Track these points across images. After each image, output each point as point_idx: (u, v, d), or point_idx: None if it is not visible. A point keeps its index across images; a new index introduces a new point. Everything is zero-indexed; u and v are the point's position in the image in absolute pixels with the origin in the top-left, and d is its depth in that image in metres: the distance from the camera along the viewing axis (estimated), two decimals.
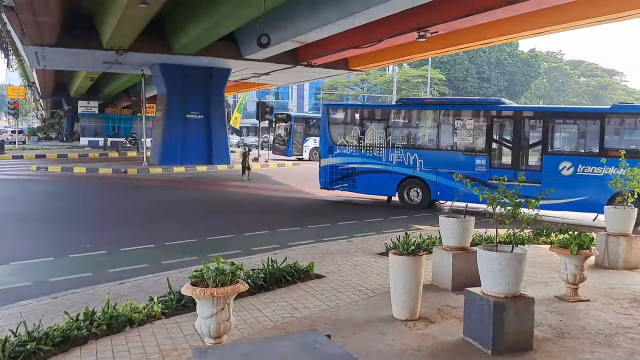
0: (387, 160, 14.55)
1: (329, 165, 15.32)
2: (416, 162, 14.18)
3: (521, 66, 62.42)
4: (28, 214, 12.93)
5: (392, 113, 14.96)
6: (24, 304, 5.86)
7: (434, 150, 14.05)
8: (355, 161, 14.99)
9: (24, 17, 16.04)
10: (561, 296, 6.10)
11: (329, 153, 15.39)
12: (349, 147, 15.16)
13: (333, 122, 15.69)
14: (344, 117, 15.95)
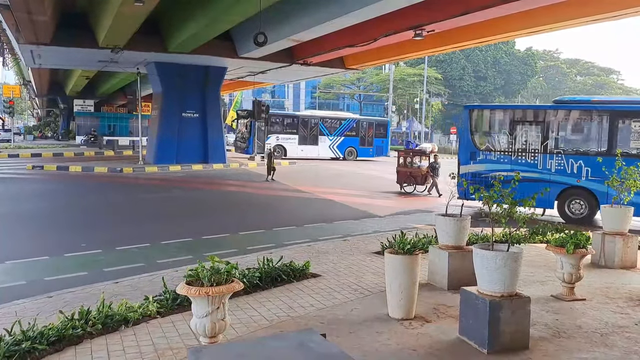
0: (544, 167, 12.88)
1: (470, 173, 13.69)
2: (581, 169, 12.44)
3: (518, 65, 62.57)
4: (23, 213, 12.87)
5: (549, 114, 13.27)
6: (19, 303, 5.84)
7: (604, 156, 11.34)
8: (504, 168, 13.21)
9: (19, 16, 15.95)
10: (557, 295, 6.11)
11: (471, 159, 13.85)
12: (496, 153, 13.63)
13: (476, 125, 14.18)
14: (490, 119, 14.49)
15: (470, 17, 14.56)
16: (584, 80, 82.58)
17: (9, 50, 29.10)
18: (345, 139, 35.67)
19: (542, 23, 15.34)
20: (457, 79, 60.02)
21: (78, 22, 19.93)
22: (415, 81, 56.34)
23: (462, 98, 61.00)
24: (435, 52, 26.57)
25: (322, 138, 34.87)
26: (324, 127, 35.14)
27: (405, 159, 18.42)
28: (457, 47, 23.31)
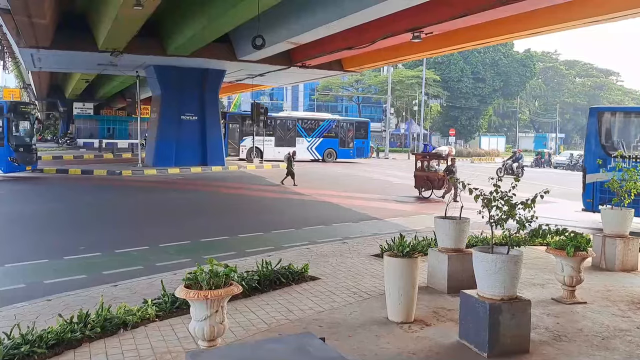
0: None
1: (599, 182, 12.09)
2: None
3: (516, 66, 62.65)
4: (23, 216, 12.85)
5: None
6: (18, 306, 5.82)
7: None
8: None
9: (19, 19, 15.95)
10: (558, 298, 6.09)
11: (601, 167, 12.31)
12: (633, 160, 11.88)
13: (607, 129, 12.83)
14: (624, 122, 13.17)
15: (469, 19, 14.57)
16: (583, 82, 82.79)
17: (10, 54, 29.10)
18: (324, 140, 35.34)
19: (541, 25, 15.36)
20: (455, 81, 60.08)
21: (78, 26, 19.95)
22: (414, 83, 56.42)
23: (461, 100, 61.11)
24: (433, 54, 26.61)
25: (300, 140, 34.40)
26: (302, 128, 34.81)
27: (423, 162, 17.67)
28: (456, 49, 23.33)
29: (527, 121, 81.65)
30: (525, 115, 79.09)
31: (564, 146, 71.12)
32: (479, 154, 53.20)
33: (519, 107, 73.40)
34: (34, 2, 14.12)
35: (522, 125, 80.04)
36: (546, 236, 8.77)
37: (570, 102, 79.14)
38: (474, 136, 66.21)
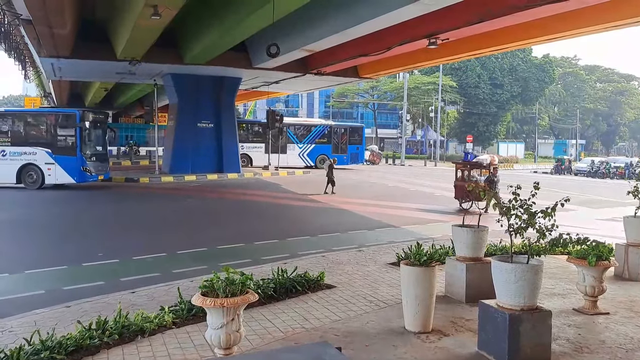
0: None
1: None
2: None
3: (535, 72, 61.97)
4: (42, 222, 13.03)
5: None
6: (38, 312, 5.88)
7: None
8: None
9: (40, 30, 16.25)
10: (579, 309, 5.98)
11: None
12: None
13: None
14: None
15: (485, 25, 14.47)
16: (604, 87, 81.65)
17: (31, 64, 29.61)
18: (317, 146, 34.46)
19: (559, 30, 15.18)
20: (472, 87, 59.65)
21: (97, 35, 20.26)
22: (430, 89, 56.17)
23: (478, 106, 60.65)
24: (450, 61, 26.47)
25: (291, 146, 33.68)
26: (293, 134, 34.07)
27: (463, 172, 16.75)
28: (472, 55, 23.19)
29: (546, 127, 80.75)
30: (545, 121, 78.23)
31: (585, 153, 70.12)
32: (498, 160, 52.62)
33: (538, 113, 72.64)
34: (55, 13, 14.38)
35: (541, 131, 79.19)
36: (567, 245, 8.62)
37: (590, 107, 78.10)
38: (492, 142, 65.62)
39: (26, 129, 19.91)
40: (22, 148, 19.20)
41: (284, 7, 13.60)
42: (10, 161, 19.10)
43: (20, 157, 19.17)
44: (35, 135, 19.87)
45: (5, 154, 19.19)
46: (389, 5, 12.98)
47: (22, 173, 19.10)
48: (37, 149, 19.19)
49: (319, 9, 15.10)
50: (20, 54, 24.41)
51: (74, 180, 19.29)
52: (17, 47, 22.70)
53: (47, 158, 19.15)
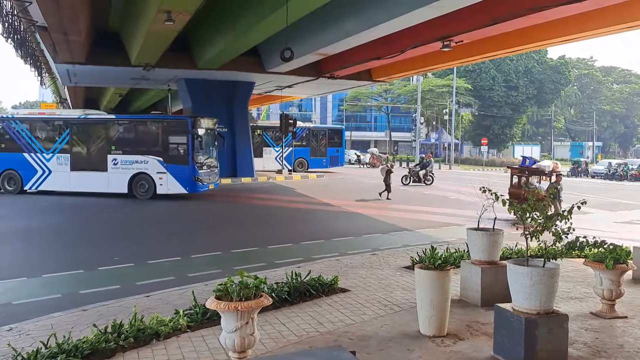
0: None
1: None
2: None
3: (550, 74, 61.38)
4: (60, 227, 13.19)
5: None
6: (55, 316, 5.95)
7: None
8: None
9: (56, 37, 16.49)
10: (597, 312, 5.90)
11: None
12: None
13: None
14: None
15: (500, 26, 14.38)
16: (621, 89, 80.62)
17: (47, 70, 30.04)
18: (294, 149, 32.93)
19: (575, 31, 15.03)
20: (487, 89, 59.26)
21: (111, 42, 20.48)
22: (444, 92, 55.92)
23: (493, 108, 60.24)
24: (464, 63, 26.37)
25: (267, 150, 32.38)
26: (269, 137, 32.67)
27: (520, 178, 15.26)
28: (487, 57, 23.04)
29: (562, 129, 79.94)
30: (561, 123, 77.46)
31: (602, 155, 69.26)
32: (513, 163, 52.20)
33: (554, 115, 71.96)
34: (70, 20, 14.59)
35: (557, 133, 78.41)
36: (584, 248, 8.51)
37: (607, 109, 77.16)
38: (507, 145, 65.09)
39: (137, 137, 19.15)
40: (134, 156, 18.42)
41: (297, 11, 13.65)
42: (122, 170, 18.41)
43: (131, 165, 18.39)
44: (147, 143, 18.93)
45: (116, 163, 18.48)
46: (402, 8, 12.97)
47: (132, 183, 18.42)
48: (149, 157, 18.35)
49: (331, 12, 15.12)
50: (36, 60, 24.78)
51: (186, 191, 18.35)
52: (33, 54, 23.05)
53: (159, 167, 18.26)
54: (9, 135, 19.66)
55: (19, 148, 19.30)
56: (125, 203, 17.92)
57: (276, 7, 13.32)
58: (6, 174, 19.35)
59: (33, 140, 19.31)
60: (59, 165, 18.95)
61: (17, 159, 19.19)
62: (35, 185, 19.16)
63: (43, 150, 19.15)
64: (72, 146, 19.11)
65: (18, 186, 19.17)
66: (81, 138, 19.36)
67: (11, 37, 16.98)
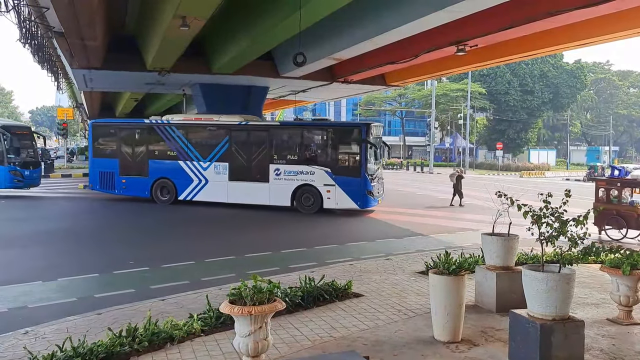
0: None
1: None
2: None
3: (566, 78, 60.81)
4: (76, 231, 13.33)
5: None
6: (70, 319, 6.00)
7: None
8: None
9: (72, 42, 16.72)
10: (613, 319, 5.82)
11: None
12: None
13: None
14: None
15: (515, 30, 14.28)
16: (638, 93, 79.66)
17: (63, 75, 30.50)
18: None
19: (593, 35, 14.88)
20: (502, 94, 58.85)
21: (127, 47, 20.70)
22: (459, 96, 55.63)
23: (508, 113, 59.81)
24: (479, 67, 26.18)
25: None
26: None
27: (609, 191, 12.93)
28: (502, 61, 22.86)
29: (578, 134, 79.06)
30: (577, 127, 76.63)
31: (618, 159, 68.35)
32: (528, 168, 51.77)
33: (570, 119, 71.23)
34: (86, 26, 14.79)
35: (573, 138, 77.56)
36: (600, 254, 8.42)
37: (624, 113, 76.20)
38: (522, 150, 64.53)
39: (303, 145, 17.44)
40: (299, 167, 16.71)
41: (311, 16, 13.70)
42: (285, 181, 16.71)
43: (296, 176, 16.65)
44: (313, 152, 17.30)
45: (279, 173, 16.82)
46: (416, 12, 12.95)
47: (296, 195, 16.75)
48: (315, 167, 16.53)
49: (345, 17, 15.14)
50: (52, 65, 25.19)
51: (357, 206, 16.27)
52: (50, 59, 23.42)
53: (327, 179, 16.31)
54: (163, 141, 18.59)
55: (174, 156, 18.18)
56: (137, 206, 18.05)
57: (290, 12, 13.39)
58: (159, 183, 18.29)
59: (189, 148, 17.99)
60: (216, 174, 17.56)
61: (172, 167, 18.12)
62: (190, 195, 17.95)
63: (200, 158, 17.79)
64: (232, 154, 17.66)
65: (172, 196, 18.09)
66: (241, 146, 17.89)
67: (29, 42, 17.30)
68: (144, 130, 19.07)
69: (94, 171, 19.15)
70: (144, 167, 18.47)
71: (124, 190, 18.69)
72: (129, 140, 19.22)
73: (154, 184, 18.29)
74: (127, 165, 18.71)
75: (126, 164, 18.72)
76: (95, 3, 13.11)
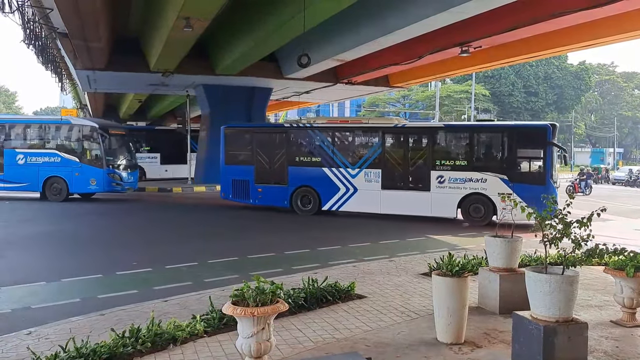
0: None
1: None
2: None
3: (570, 79, 60.68)
4: (79, 232, 13.36)
5: None
6: (73, 320, 6.00)
7: None
8: None
9: (76, 43, 16.80)
10: (617, 321, 5.79)
11: None
12: None
13: None
14: None
15: (519, 32, 14.31)
16: None
17: (67, 76, 30.60)
18: None
19: (597, 36, 14.88)
20: (506, 95, 58.76)
21: (131, 48, 20.80)
22: (462, 98, 55.55)
23: (512, 114, 59.71)
24: (483, 69, 26.20)
25: (194, 155, 29.06)
26: (195, 142, 29.58)
27: None
28: (506, 62, 22.91)
29: (583, 136, 78.83)
30: (581, 129, 76.41)
31: (623, 161, 68.11)
32: None
33: (574, 121, 71.03)
34: (90, 27, 14.86)
35: (577, 139, 77.30)
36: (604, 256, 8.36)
37: (628, 115, 75.96)
38: None
39: (471, 149, 15.40)
40: (467, 173, 14.74)
41: (315, 17, 13.73)
42: (450, 190, 14.79)
43: (463, 184, 14.75)
44: (484, 157, 15.45)
45: (443, 181, 14.88)
46: (420, 13, 12.97)
47: (463, 205, 14.78)
48: (487, 174, 14.52)
49: (349, 18, 15.19)
50: (56, 66, 25.29)
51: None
52: (54, 60, 23.50)
53: (502, 187, 14.19)
54: (305, 146, 17.02)
55: (317, 162, 16.43)
56: (142, 208, 18.08)
57: (294, 14, 13.42)
58: (300, 192, 16.63)
59: (335, 153, 16.24)
60: (367, 182, 15.69)
61: (315, 174, 16.35)
62: (335, 205, 16.20)
63: (347, 165, 16.00)
64: (385, 160, 15.69)
65: (315, 205, 16.43)
66: (397, 151, 16.02)
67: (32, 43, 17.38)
68: (282, 135, 17.26)
69: (226, 179, 17.82)
70: (282, 175, 16.81)
71: (259, 200, 17.27)
72: (266, 145, 17.44)
73: (294, 192, 16.60)
74: (264, 173, 17.11)
75: (262, 171, 17.11)
76: (98, 4, 13.18)
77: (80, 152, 19.01)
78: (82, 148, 19.06)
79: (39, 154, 19.06)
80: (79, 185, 18.91)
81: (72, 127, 19.33)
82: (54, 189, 18.92)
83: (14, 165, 19.05)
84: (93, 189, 19.12)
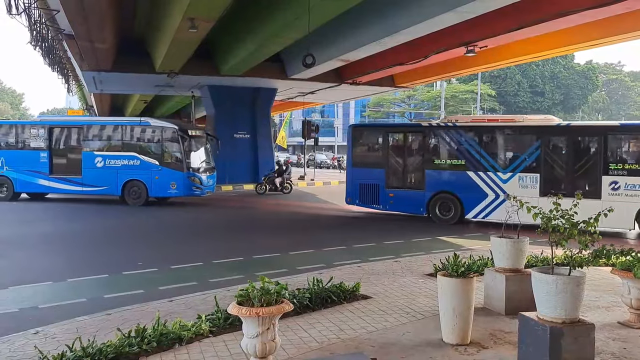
0: None
1: None
2: None
3: (577, 79, 60.43)
4: (86, 232, 13.42)
5: None
6: (80, 319, 6.02)
7: None
8: None
9: (82, 44, 16.87)
10: (624, 322, 5.75)
11: None
12: None
13: None
14: None
15: (525, 31, 14.24)
16: None
17: (73, 77, 30.75)
18: None
19: (604, 35, 14.80)
20: (512, 95, 58.59)
21: (136, 49, 20.86)
22: (468, 98, 55.43)
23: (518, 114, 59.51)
24: (488, 69, 26.13)
25: None
26: None
27: None
28: (512, 62, 22.82)
29: None
30: None
31: None
32: None
33: (581, 120, 70.76)
34: (96, 29, 14.93)
35: None
36: (611, 256, 8.33)
37: (636, 115, 75.48)
38: None
39: None
40: None
41: (320, 17, 13.73)
42: (627, 198, 12.67)
43: None
44: None
45: (617, 187, 12.85)
46: (425, 13, 12.94)
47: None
48: None
49: (354, 18, 15.18)
50: (63, 67, 25.43)
51: None
52: (60, 61, 23.63)
53: None
54: (445, 148, 15.37)
55: (461, 165, 14.79)
56: (146, 209, 18.10)
57: (299, 14, 13.41)
58: (439, 198, 15.02)
59: (482, 155, 14.51)
60: (521, 188, 13.61)
61: (457, 178, 14.84)
62: (482, 213, 14.48)
63: (497, 168, 14.31)
64: (544, 163, 13.84)
65: (457, 213, 14.79)
66: (559, 152, 14.18)
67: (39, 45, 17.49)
68: (419, 135, 15.76)
69: (353, 183, 16.49)
70: (418, 179, 15.50)
71: (391, 206, 15.91)
72: (399, 146, 16.28)
73: (431, 198, 15.08)
74: (396, 177, 15.85)
75: (395, 174, 15.88)
76: (104, 6, 13.23)
77: (160, 155, 18.16)
78: (161, 151, 18.22)
79: (118, 156, 18.31)
80: (159, 189, 18.24)
81: (151, 129, 18.54)
82: (133, 193, 18.31)
83: (92, 168, 18.45)
84: (173, 192, 18.30)
